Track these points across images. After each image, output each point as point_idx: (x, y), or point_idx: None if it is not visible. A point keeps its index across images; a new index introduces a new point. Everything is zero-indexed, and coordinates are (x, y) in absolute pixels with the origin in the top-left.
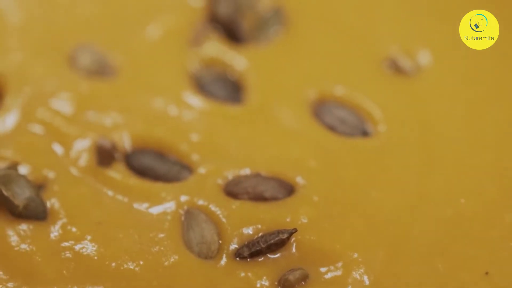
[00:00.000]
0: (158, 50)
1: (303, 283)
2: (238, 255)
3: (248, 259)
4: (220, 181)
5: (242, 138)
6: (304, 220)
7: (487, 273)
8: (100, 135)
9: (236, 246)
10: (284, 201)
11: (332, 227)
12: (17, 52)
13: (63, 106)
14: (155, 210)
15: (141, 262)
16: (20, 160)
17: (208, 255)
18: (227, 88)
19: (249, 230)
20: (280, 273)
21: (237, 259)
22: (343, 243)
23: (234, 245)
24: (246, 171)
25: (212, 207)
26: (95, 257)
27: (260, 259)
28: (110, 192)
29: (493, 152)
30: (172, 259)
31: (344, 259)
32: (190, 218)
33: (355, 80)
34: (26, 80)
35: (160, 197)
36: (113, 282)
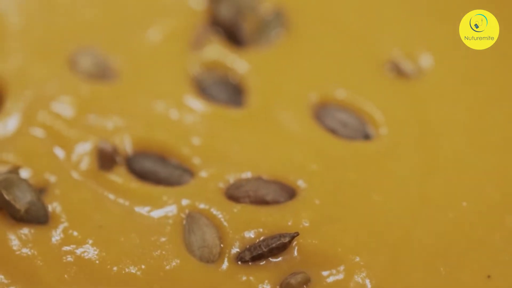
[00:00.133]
0: (159, 53)
1: (305, 287)
2: (240, 259)
3: (250, 263)
4: (222, 185)
5: (244, 141)
6: (305, 223)
7: (489, 277)
8: (101, 138)
9: (238, 250)
10: (285, 204)
11: (334, 231)
12: (17, 55)
13: (64, 109)
14: (156, 214)
15: (143, 266)
16: (21, 164)
17: (209, 259)
18: (228, 91)
19: (250, 234)
20: (282, 277)
21: (239, 263)
22: (345, 246)
23: (235, 249)
24: (248, 175)
25: (214, 211)
26: (97, 261)
27: (261, 263)
28: (112, 196)
29: (495, 155)
30: (174, 263)
31: (346, 263)
32: (191, 221)
33: (356, 83)
34: (26, 84)
35: (161, 200)
36: (114, 286)
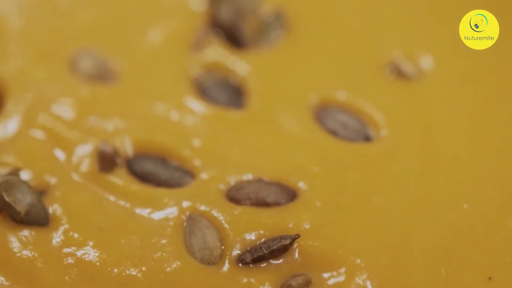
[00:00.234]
0: (159, 55)
1: None
2: (241, 261)
3: (251, 265)
4: (222, 187)
5: (244, 143)
6: (306, 225)
7: (490, 278)
8: (101, 140)
9: (239, 251)
10: (286, 206)
11: (335, 233)
12: (18, 58)
13: (65, 111)
14: (157, 215)
15: (143, 268)
16: (22, 166)
17: (210, 261)
18: (228, 93)
19: (251, 236)
20: (283, 279)
21: (240, 265)
22: (346, 248)
23: (236, 251)
24: (248, 177)
25: (215, 213)
26: (97, 263)
27: (262, 265)
28: (112, 198)
29: (496, 157)
30: (175, 265)
31: (347, 265)
32: (192, 223)
33: (357, 84)
34: (27, 85)
35: (162, 202)
36: None
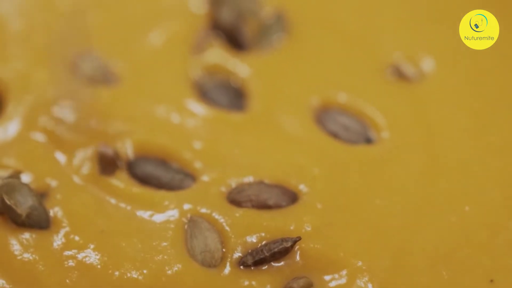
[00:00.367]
0: (160, 57)
1: None
2: (242, 263)
3: (252, 268)
4: (224, 189)
5: (245, 145)
6: (308, 228)
7: (492, 281)
8: (102, 143)
9: (240, 254)
10: (287, 209)
11: (336, 235)
12: (19, 60)
13: (65, 113)
14: (158, 218)
15: (145, 270)
16: (23, 168)
17: (211, 264)
18: (229, 95)
19: (252, 238)
20: (284, 282)
21: (241, 267)
22: (347, 251)
23: (237, 254)
24: (250, 179)
25: (216, 215)
26: (98, 266)
27: (264, 268)
28: (113, 201)
29: (497, 159)
30: (176, 268)
31: (348, 267)
32: (193, 226)
33: (358, 86)
34: (28, 88)
35: (163, 205)
36: None
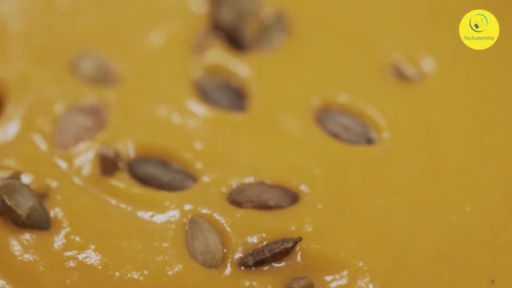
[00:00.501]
0: (160, 58)
1: None
2: (243, 264)
3: (253, 268)
4: (224, 190)
5: (246, 146)
6: (308, 228)
7: (493, 281)
8: (103, 143)
9: (241, 255)
10: (288, 209)
11: (337, 235)
12: (19, 60)
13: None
14: (159, 219)
15: (145, 271)
16: (23, 169)
17: (212, 264)
18: (230, 95)
19: (253, 239)
20: (285, 282)
21: (242, 268)
22: (348, 251)
23: (238, 254)
24: (250, 179)
25: (216, 216)
26: (99, 267)
27: (264, 268)
28: (114, 201)
29: (498, 159)
30: (176, 268)
31: (349, 268)
32: (194, 227)
33: (358, 87)
34: (28, 88)
35: (163, 205)
36: None
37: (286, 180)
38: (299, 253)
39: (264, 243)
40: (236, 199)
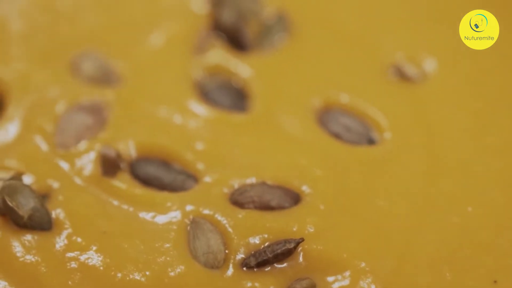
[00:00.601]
0: (161, 58)
1: None
2: (245, 265)
3: (255, 269)
4: (226, 190)
5: (247, 146)
6: (310, 229)
7: (495, 281)
8: (104, 144)
9: (243, 255)
10: (290, 210)
11: (339, 236)
12: (19, 60)
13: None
14: (160, 219)
15: (147, 272)
16: (24, 170)
17: (214, 265)
18: (231, 96)
19: (255, 240)
20: (287, 283)
21: (244, 269)
22: (350, 252)
23: (240, 255)
24: (252, 180)
25: (218, 217)
26: (101, 268)
27: (267, 269)
28: (115, 202)
29: (499, 159)
30: (178, 269)
31: (351, 268)
32: (196, 227)
33: (360, 87)
34: (28, 89)
35: (165, 206)
36: None
37: (288, 180)
38: (301, 253)
39: (266, 244)
40: (238, 200)
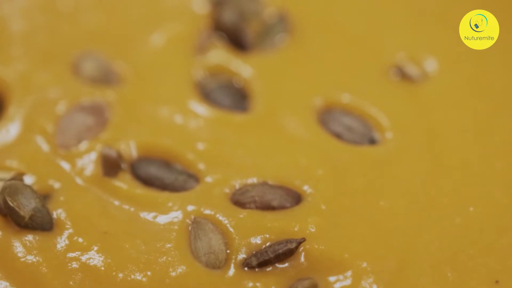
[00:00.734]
0: (163, 58)
1: None
2: (246, 265)
3: (256, 269)
4: (227, 190)
5: (249, 146)
6: (312, 229)
7: (497, 282)
8: (105, 144)
9: (244, 255)
10: (291, 210)
11: (341, 236)
12: (21, 61)
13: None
14: (162, 219)
15: (148, 272)
16: (26, 170)
17: (216, 265)
18: (232, 96)
19: (257, 240)
20: (289, 283)
21: (245, 269)
22: (351, 252)
23: (242, 255)
24: (253, 180)
25: (220, 217)
26: (102, 268)
27: (268, 269)
28: (117, 202)
29: (501, 159)
30: (180, 270)
31: (353, 268)
32: (197, 227)
33: (361, 87)
34: (29, 89)
35: (166, 206)
36: None
37: (289, 180)
38: (303, 253)
39: (268, 244)
40: (239, 200)
